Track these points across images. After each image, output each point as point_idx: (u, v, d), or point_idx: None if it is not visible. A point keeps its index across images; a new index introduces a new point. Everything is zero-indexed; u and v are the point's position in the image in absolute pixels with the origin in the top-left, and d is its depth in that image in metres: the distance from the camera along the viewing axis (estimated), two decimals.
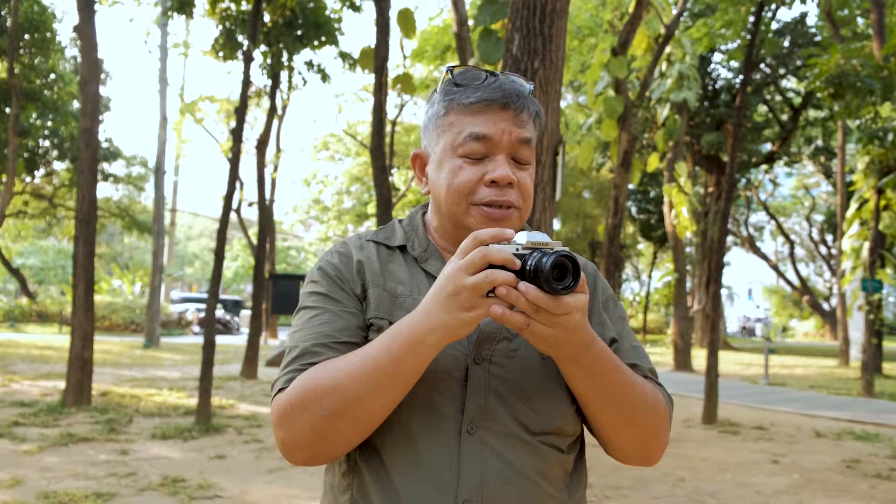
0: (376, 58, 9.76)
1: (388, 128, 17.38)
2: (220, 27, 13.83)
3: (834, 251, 37.48)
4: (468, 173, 1.23)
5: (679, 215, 17.78)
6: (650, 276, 39.51)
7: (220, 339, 9.95)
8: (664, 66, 17.07)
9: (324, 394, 1.11)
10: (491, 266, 1.02)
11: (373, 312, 1.25)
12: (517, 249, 1.03)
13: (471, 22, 10.57)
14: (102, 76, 20.62)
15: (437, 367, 1.16)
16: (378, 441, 1.18)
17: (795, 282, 40.15)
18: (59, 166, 25.36)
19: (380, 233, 1.37)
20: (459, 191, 1.23)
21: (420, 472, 1.16)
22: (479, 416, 1.17)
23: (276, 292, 24.96)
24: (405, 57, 14.74)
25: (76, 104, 20.54)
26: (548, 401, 1.21)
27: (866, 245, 15.85)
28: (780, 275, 41.83)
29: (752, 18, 21.53)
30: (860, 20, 24.09)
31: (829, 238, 40.54)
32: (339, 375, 1.11)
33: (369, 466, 1.20)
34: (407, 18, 9.60)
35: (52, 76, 20.71)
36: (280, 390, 1.17)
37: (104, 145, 23.44)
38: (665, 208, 20.95)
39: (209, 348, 9.15)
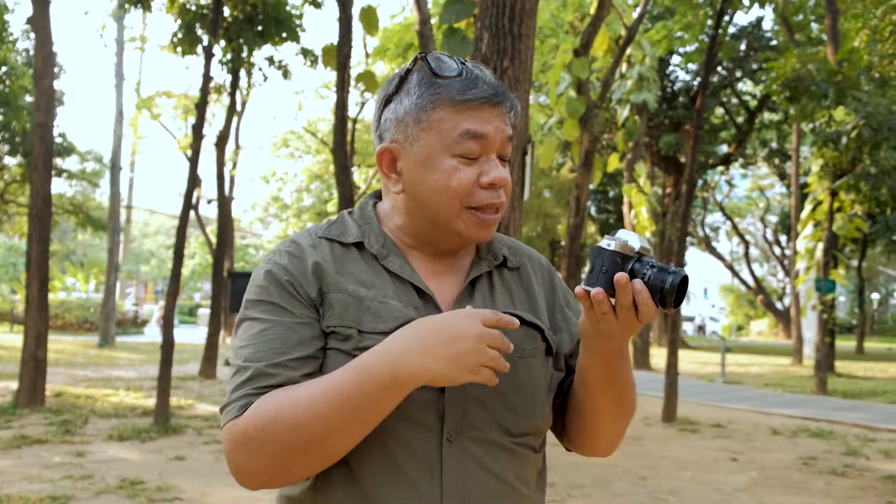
0: (339, 55, 9.68)
1: (349, 125, 17.29)
2: (179, 21, 13.61)
3: (787, 252, 38.19)
4: (465, 175, 1.17)
5: (639, 215, 17.97)
6: None
7: (178, 338, 9.77)
8: (624, 67, 17.22)
9: (287, 428, 1.05)
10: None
11: (336, 320, 1.15)
12: (632, 250, 1.08)
13: (434, 20, 10.54)
14: (56, 70, 20.17)
15: None
16: (351, 455, 1.12)
17: (750, 281, 40.82)
18: (12, 161, 24.76)
19: (331, 228, 1.26)
20: (456, 193, 1.17)
21: (400, 485, 1.12)
22: (459, 423, 1.14)
23: (235, 290, 24.68)
24: (367, 55, 14.65)
25: (29, 98, 20.08)
26: (528, 400, 1.20)
27: (820, 246, 16.15)
28: (735, 274, 42.49)
29: (710, 22, 21.86)
30: (814, 25, 24.58)
31: (782, 239, 41.27)
32: (303, 409, 1.05)
33: (340, 480, 1.14)
34: (370, 16, 9.52)
35: (4, 69, 20.21)
36: (235, 416, 1.09)
37: (58, 140, 22.94)
38: (625, 208, 21.15)
39: (168, 347, 9.01)
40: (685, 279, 1.04)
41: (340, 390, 1.04)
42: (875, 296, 51.15)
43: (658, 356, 20.82)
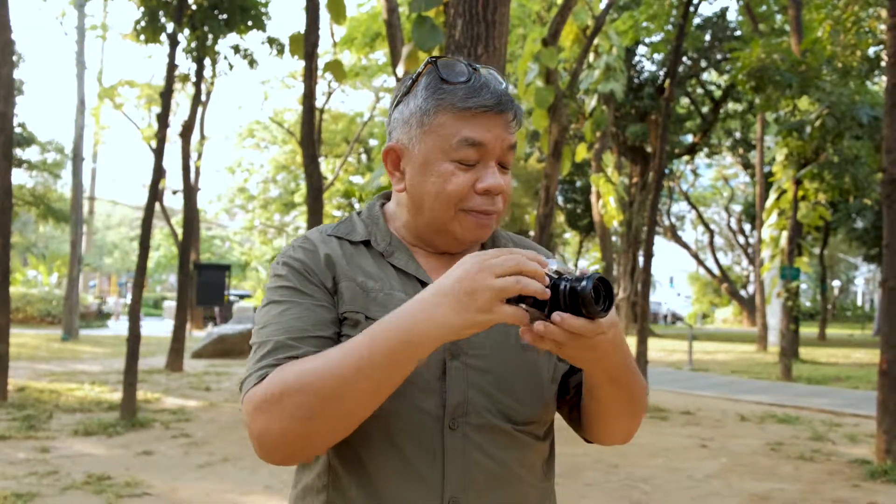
0: (306, 44, 9.56)
1: (317, 116, 17.15)
2: (142, 9, 13.37)
3: (752, 240, 38.69)
4: (461, 180, 1.19)
5: (606, 205, 18.04)
6: (576, 265, 39.96)
7: (144, 331, 9.65)
8: (592, 57, 17.27)
9: (305, 391, 1.04)
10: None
11: (347, 306, 1.19)
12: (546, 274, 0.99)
13: (402, 9, 10.48)
14: (15, 58, 19.79)
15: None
16: (357, 439, 1.13)
17: (715, 270, 41.32)
18: None
19: (340, 227, 1.30)
20: (451, 197, 1.19)
21: (404, 471, 1.14)
22: (461, 410, 1.15)
23: (201, 282, 24.47)
24: (335, 44, 14.50)
25: None
26: (530, 388, 1.21)
27: (784, 234, 16.35)
28: (701, 263, 42.98)
29: (675, 12, 22.00)
30: (778, 16, 24.86)
31: (746, 227, 41.81)
32: (321, 373, 1.04)
33: (347, 465, 1.16)
34: (337, 4, 9.41)
35: None
36: (254, 385, 1.10)
37: (18, 130, 22.49)
38: (592, 198, 21.26)
39: (134, 340, 8.86)
40: (599, 280, 0.99)
41: (356, 352, 1.03)
42: (836, 283, 52.08)
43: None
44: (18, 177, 26.99)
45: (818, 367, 17.65)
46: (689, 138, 30.91)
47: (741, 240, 43.82)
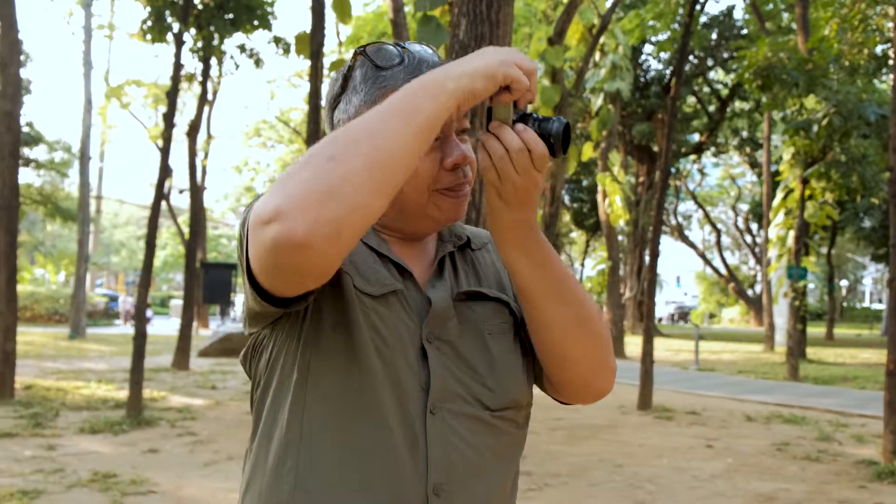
0: (312, 43, 9.57)
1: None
2: (149, 9, 13.41)
3: (759, 240, 38.57)
4: (427, 161, 1.14)
5: (613, 204, 18.02)
6: (583, 265, 40.07)
7: (151, 329, 9.75)
8: (598, 56, 17.25)
9: (326, 143, 0.95)
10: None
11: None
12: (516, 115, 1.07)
13: (407, 8, 10.48)
14: (23, 58, 19.83)
15: (394, 345, 1.11)
16: (336, 415, 1.09)
17: (722, 269, 41.20)
18: None
19: None
20: (422, 181, 1.14)
21: (389, 454, 1.08)
22: (441, 396, 1.12)
23: (208, 281, 24.53)
24: (340, 43, 14.53)
25: None
26: (502, 375, 1.18)
27: (791, 234, 16.30)
28: (708, 263, 42.86)
29: (681, 11, 21.95)
30: (785, 14, 24.79)
31: (753, 227, 41.70)
32: (342, 131, 0.96)
33: (319, 443, 1.09)
34: (342, 4, 9.42)
35: None
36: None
37: (25, 129, 22.55)
38: (599, 197, 21.22)
39: (140, 339, 8.89)
40: (567, 125, 1.06)
41: (385, 104, 0.99)
42: (844, 283, 51.90)
43: (632, 344, 20.96)
44: (26, 176, 27.10)
45: (825, 367, 17.60)
46: (696, 137, 30.84)
47: (748, 239, 43.68)
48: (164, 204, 10.94)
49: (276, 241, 0.90)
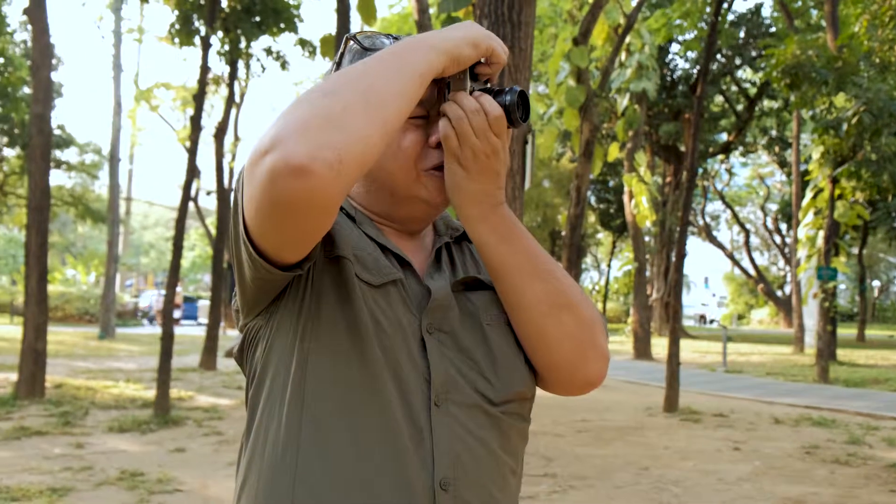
0: (337, 45, 9.63)
1: None
2: (177, 12, 13.55)
3: (788, 240, 38.15)
4: (414, 136, 1.15)
5: (639, 205, 17.92)
6: (609, 266, 39.84)
7: (178, 330, 9.89)
8: (623, 56, 17.15)
9: (321, 84, 0.98)
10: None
11: (339, 251, 1.12)
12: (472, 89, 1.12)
13: (432, 10, 10.48)
14: (54, 61, 20.08)
15: (394, 335, 1.09)
16: (337, 407, 1.06)
17: (751, 270, 40.81)
18: (10, 153, 24.71)
19: None
20: (409, 155, 1.14)
21: (394, 448, 1.05)
22: (444, 388, 1.10)
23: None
24: None
25: (27, 89, 20.00)
26: (504, 368, 1.16)
27: (821, 234, 16.10)
28: (736, 263, 42.47)
29: (708, 10, 21.78)
30: (813, 12, 24.50)
31: (783, 227, 41.25)
32: (338, 73, 0.99)
33: (320, 437, 1.06)
34: (367, 5, 9.46)
35: (2, 60, 20.14)
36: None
37: (56, 132, 22.88)
38: (625, 198, 21.11)
39: (167, 339, 8.98)
40: (522, 92, 1.10)
41: (376, 55, 1.03)
42: (876, 283, 51.19)
43: (659, 346, 20.83)
44: (58, 177, 27.51)
45: (856, 369, 17.36)
46: (724, 137, 30.56)
47: (777, 239, 43.24)
48: (192, 205, 11.04)
49: (274, 167, 0.88)
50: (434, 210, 1.22)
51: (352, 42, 1.19)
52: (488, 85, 1.15)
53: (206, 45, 10.55)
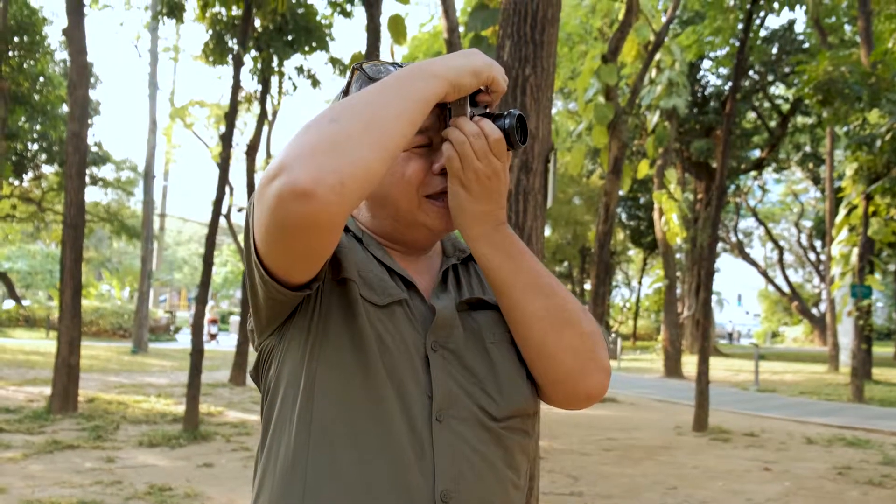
0: None
1: None
2: (211, 31, 13.78)
3: (822, 257, 37.63)
4: (417, 164, 1.19)
5: (669, 222, 17.80)
6: (640, 283, 39.59)
7: (208, 346, 9.99)
8: (654, 72, 17.10)
9: (326, 111, 1.03)
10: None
11: (346, 273, 1.17)
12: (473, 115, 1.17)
13: (461, 29, 10.56)
14: (91, 80, 20.46)
15: (399, 353, 1.13)
16: (343, 422, 1.10)
17: (785, 287, 40.27)
18: (48, 170, 25.21)
19: None
20: (411, 182, 1.18)
21: (396, 461, 1.09)
22: (446, 403, 1.13)
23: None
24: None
25: (65, 108, 20.42)
26: (506, 385, 1.19)
27: (855, 251, 15.88)
28: (770, 280, 41.96)
29: (741, 26, 21.65)
30: (847, 27, 24.24)
31: (817, 244, 40.70)
32: (342, 102, 1.05)
33: (327, 450, 1.10)
34: (398, 25, 9.56)
35: (41, 79, 20.59)
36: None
37: (93, 149, 23.31)
38: (655, 215, 20.99)
39: (197, 355, 9.08)
40: (521, 116, 1.14)
41: (379, 83, 1.08)
42: None
43: (690, 364, 20.60)
44: (94, 194, 27.99)
45: (892, 388, 17.05)
46: (757, 153, 30.28)
47: (812, 256, 42.66)
48: (224, 222, 11.19)
49: (281, 191, 0.94)
50: (436, 235, 1.26)
51: (359, 72, 1.23)
52: (487, 110, 1.19)
53: (238, 64, 10.72)
